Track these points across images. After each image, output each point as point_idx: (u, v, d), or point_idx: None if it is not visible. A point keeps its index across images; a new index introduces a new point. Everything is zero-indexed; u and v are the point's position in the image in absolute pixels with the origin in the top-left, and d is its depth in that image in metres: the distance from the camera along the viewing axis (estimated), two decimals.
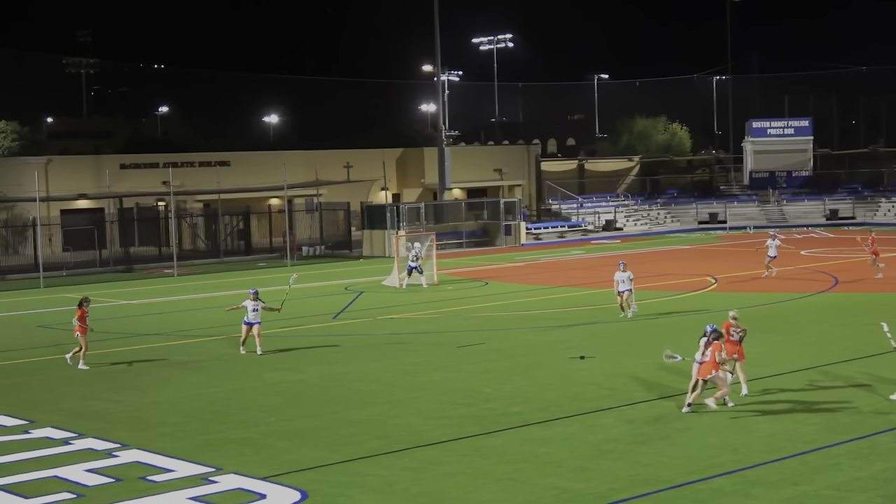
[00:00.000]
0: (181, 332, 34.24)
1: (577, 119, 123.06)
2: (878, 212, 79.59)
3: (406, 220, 64.33)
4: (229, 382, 25.45)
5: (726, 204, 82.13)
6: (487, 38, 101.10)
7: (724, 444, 18.25)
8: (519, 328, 32.50)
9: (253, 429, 20.58)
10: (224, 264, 61.05)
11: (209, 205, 71.03)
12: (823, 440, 18.23)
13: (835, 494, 15.41)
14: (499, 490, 16.18)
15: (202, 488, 16.72)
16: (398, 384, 24.56)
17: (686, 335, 29.71)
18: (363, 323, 35.08)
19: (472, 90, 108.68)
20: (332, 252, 65.75)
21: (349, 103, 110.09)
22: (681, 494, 15.66)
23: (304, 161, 76.42)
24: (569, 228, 75.51)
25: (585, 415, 20.77)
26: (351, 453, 18.52)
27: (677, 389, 22.65)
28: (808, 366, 24.85)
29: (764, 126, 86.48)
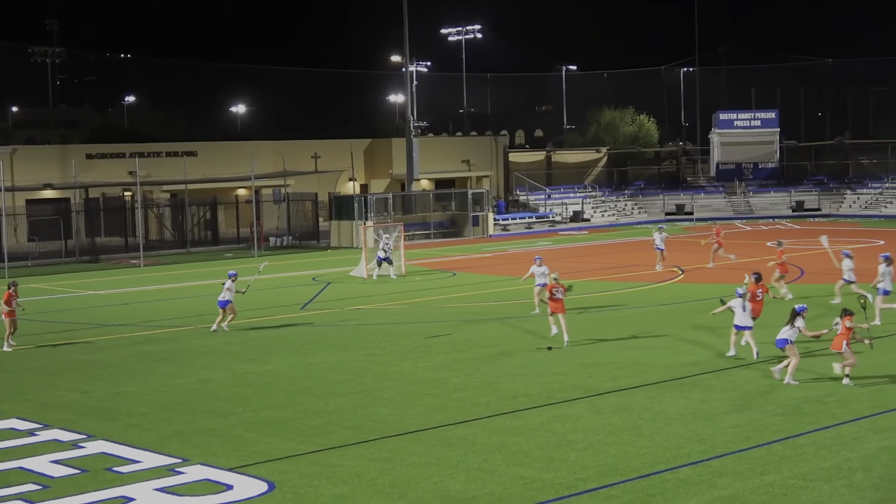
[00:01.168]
0: (149, 323, 34.10)
1: (545, 110, 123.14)
2: (843, 203, 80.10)
3: (374, 210, 64.26)
4: (197, 373, 25.38)
5: (693, 195, 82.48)
6: (456, 29, 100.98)
7: (690, 434, 18.34)
8: (487, 319, 32.53)
9: (221, 419, 20.53)
10: (191, 255, 60.82)
11: (176, 195, 70.70)
12: (789, 430, 18.35)
13: (800, 484, 15.51)
14: (467, 480, 16.21)
15: (168, 479, 16.67)
16: (366, 374, 24.56)
17: (653, 325, 29.88)
18: (331, 313, 35.04)
19: (441, 81, 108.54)
20: (299, 243, 65.61)
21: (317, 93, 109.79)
22: (648, 484, 15.73)
23: (272, 151, 76.14)
24: (536, 220, 75.63)
25: (553, 405, 20.82)
26: (319, 444, 18.51)
27: (645, 380, 22.77)
28: (777, 356, 24.96)
29: (731, 118, 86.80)
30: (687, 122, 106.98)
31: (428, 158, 78.34)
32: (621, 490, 15.51)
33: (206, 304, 38.17)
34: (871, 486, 15.28)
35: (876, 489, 15.17)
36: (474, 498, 15.41)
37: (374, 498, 15.60)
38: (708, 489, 15.44)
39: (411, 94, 77.49)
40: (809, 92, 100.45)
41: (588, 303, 35.25)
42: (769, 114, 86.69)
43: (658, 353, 26.05)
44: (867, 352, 22.85)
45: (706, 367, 24.01)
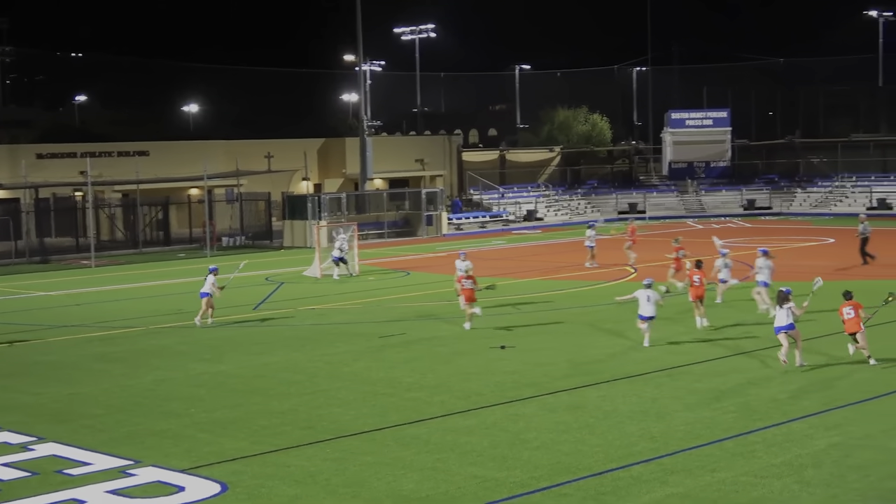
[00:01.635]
0: (101, 324, 33.87)
1: (499, 110, 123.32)
2: (793, 202, 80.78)
3: (327, 210, 64.12)
4: (151, 374, 25.25)
5: (646, 194, 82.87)
6: (409, 29, 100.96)
7: (642, 432, 18.45)
8: (440, 318, 32.56)
9: (174, 420, 20.44)
10: (143, 255, 60.43)
11: (128, 195, 70.22)
12: (740, 427, 18.50)
13: (751, 481, 15.65)
14: (420, 479, 16.23)
15: (120, 481, 16.58)
16: (320, 374, 24.53)
17: (604, 324, 30.03)
18: (285, 313, 34.95)
19: (395, 80, 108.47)
20: (252, 242, 65.35)
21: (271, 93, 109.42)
22: (601, 482, 15.82)
23: (225, 151, 75.82)
24: (490, 219, 75.74)
25: (506, 404, 20.89)
26: (273, 444, 18.47)
27: (597, 378, 22.89)
28: (727, 353, 25.19)
29: (683, 117, 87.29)
30: (640, 122, 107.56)
31: (382, 158, 78.28)
32: (574, 488, 15.59)
33: (160, 304, 38.03)
34: (822, 483, 15.44)
35: (826, 485, 15.33)
36: (428, 497, 15.44)
37: (328, 498, 15.59)
38: (660, 486, 15.54)
39: (365, 93, 77.41)
40: (760, 91, 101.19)
41: (540, 302, 35.37)
42: (721, 113, 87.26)
43: (610, 351, 26.19)
44: (818, 351, 23.07)
45: (658, 365, 24.16)
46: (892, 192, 77.75)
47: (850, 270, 40.75)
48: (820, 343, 25.46)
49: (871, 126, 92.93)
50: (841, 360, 23.87)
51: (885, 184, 79.64)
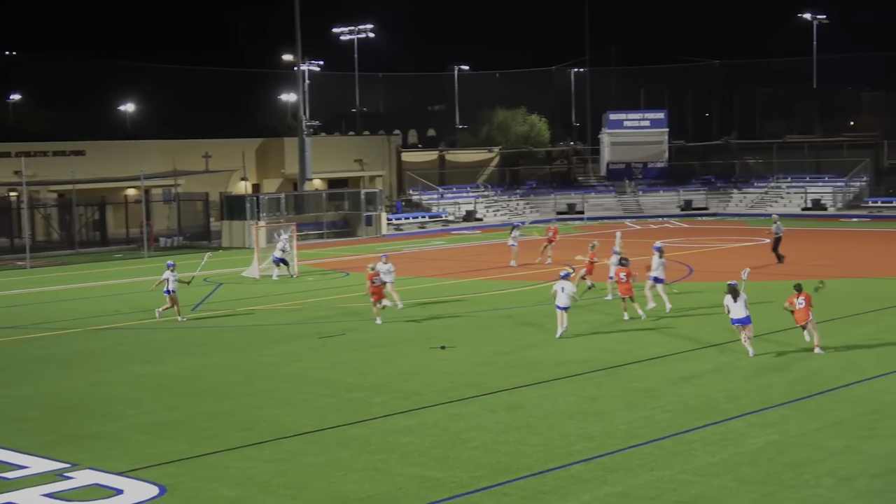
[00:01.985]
0: (38, 325, 33.49)
1: (438, 110, 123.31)
2: (730, 202, 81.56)
3: (266, 210, 63.85)
4: (89, 375, 25.02)
5: (584, 195, 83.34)
6: (348, 28, 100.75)
7: (582, 431, 18.56)
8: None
9: (112, 423, 20.27)
10: (79, 255, 59.83)
11: (64, 195, 69.49)
12: (678, 426, 18.66)
13: (689, 479, 15.80)
14: (361, 480, 16.22)
15: (57, 485, 16.42)
16: (260, 375, 24.43)
17: (542, 324, 30.15)
18: (224, 314, 34.77)
19: (333, 80, 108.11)
20: (190, 243, 64.91)
21: (208, 93, 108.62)
22: (541, 481, 15.89)
23: (162, 151, 75.25)
24: (430, 219, 75.80)
25: (447, 404, 20.93)
26: (212, 446, 18.38)
27: (537, 378, 22.99)
28: (665, 353, 25.40)
29: (620, 118, 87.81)
30: (578, 123, 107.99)
31: (320, 158, 78.08)
32: (514, 488, 15.66)
33: (98, 306, 37.68)
34: (758, 481, 15.62)
35: (762, 483, 15.51)
36: (369, 498, 15.44)
37: (269, 500, 15.54)
38: (599, 485, 15.65)
39: (304, 93, 77.18)
40: (697, 93, 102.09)
41: (480, 301, 35.45)
42: (658, 114, 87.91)
43: (549, 350, 26.31)
44: (763, 350, 23.30)
45: (597, 364, 24.31)
46: (826, 192, 78.76)
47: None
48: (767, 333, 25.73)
49: (805, 128, 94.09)
50: (791, 349, 24.23)
51: (820, 184, 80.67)
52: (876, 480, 15.49)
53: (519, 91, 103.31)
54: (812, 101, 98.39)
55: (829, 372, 22.74)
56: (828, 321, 29.13)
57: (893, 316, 30.33)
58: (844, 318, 29.93)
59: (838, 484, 15.37)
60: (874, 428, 18.20)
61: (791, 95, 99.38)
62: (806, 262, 43.67)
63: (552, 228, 49.35)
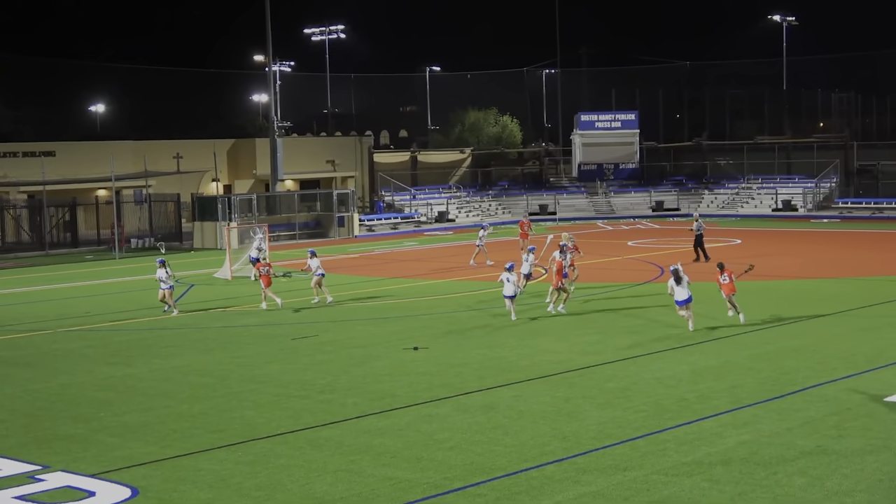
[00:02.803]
0: (6, 327, 33.28)
1: (410, 111, 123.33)
2: (701, 203, 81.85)
3: (238, 211, 63.69)
4: (58, 377, 24.87)
5: (556, 195, 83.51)
6: (319, 29, 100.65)
7: (555, 431, 18.57)
8: (353, 320, 32.51)
9: (82, 425, 20.15)
10: (50, 257, 59.54)
11: (34, 196, 69.12)
12: (651, 426, 18.70)
13: (662, 479, 15.82)
14: (334, 482, 16.19)
15: (28, 487, 16.31)
16: (232, 377, 24.35)
17: (517, 324, 30.18)
18: (195, 316, 34.64)
19: (304, 81, 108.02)
20: (161, 245, 64.62)
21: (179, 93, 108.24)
22: (514, 482, 15.89)
23: (133, 151, 74.97)
24: (402, 220, 75.78)
25: (420, 405, 20.90)
26: (184, 448, 18.30)
27: (510, 378, 23.00)
28: (637, 354, 25.46)
29: (592, 119, 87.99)
30: (549, 123, 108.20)
31: (292, 159, 77.94)
32: (488, 488, 15.65)
33: (67, 307, 37.47)
34: (731, 480, 15.66)
35: (735, 483, 15.55)
36: (342, 499, 15.40)
37: (241, 501, 15.48)
38: (572, 486, 15.66)
39: (275, 93, 77.02)
40: (668, 94, 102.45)
41: (452, 303, 35.45)
42: (629, 115, 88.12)
43: (522, 351, 26.32)
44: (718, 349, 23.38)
45: (570, 365, 24.34)
46: (796, 193, 79.20)
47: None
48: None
49: (775, 129, 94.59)
50: (761, 349, 24.34)
51: (790, 185, 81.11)
52: (847, 480, 15.56)
53: (490, 92, 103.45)
54: (782, 102, 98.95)
55: (799, 372, 22.83)
56: (795, 321, 29.33)
57: (864, 316, 30.48)
58: (815, 317, 30.08)
59: (810, 484, 15.42)
60: (845, 427, 18.28)
61: (761, 97, 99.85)
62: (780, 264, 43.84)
63: (524, 223, 51.54)
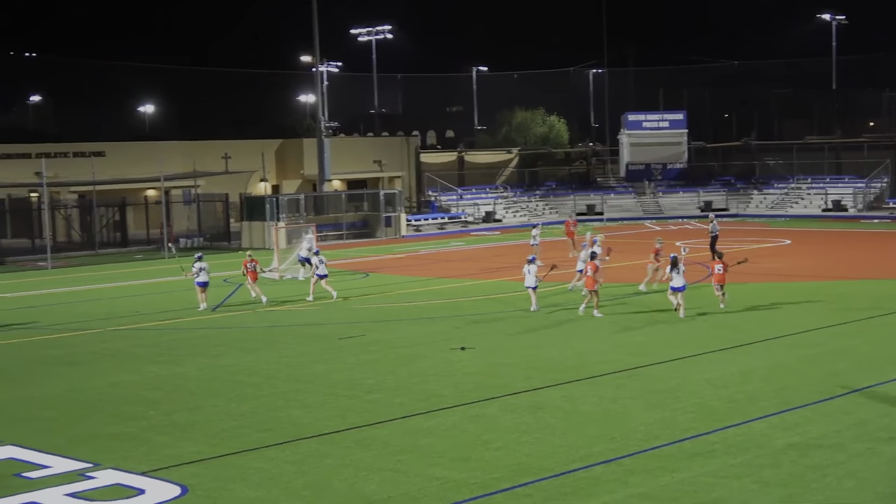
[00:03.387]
0: (56, 326, 33.59)
1: (457, 111, 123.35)
2: (750, 203, 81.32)
3: (286, 211, 63.94)
4: (107, 376, 25.06)
5: (603, 196, 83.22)
6: (366, 29, 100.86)
7: (602, 433, 18.50)
8: (400, 320, 32.54)
9: (132, 423, 20.30)
10: (99, 256, 60.02)
11: (84, 196, 69.74)
12: (699, 428, 18.58)
13: (710, 481, 15.72)
14: (381, 481, 16.20)
15: (79, 484, 16.45)
16: (279, 376, 24.44)
17: (566, 324, 30.10)
18: (243, 315, 34.80)
19: (352, 81, 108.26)
20: (210, 244, 65.04)
21: (227, 94, 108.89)
22: (561, 483, 15.85)
23: (182, 152, 75.41)
24: (449, 220, 75.79)
25: (467, 405, 20.89)
26: (232, 447, 18.38)
27: (557, 379, 22.94)
28: (685, 354, 25.32)
29: (639, 119, 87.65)
30: (596, 123, 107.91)
31: (339, 159, 78.14)
32: (535, 489, 15.61)
33: (117, 306, 37.77)
34: (779, 483, 15.55)
35: (784, 485, 15.44)
36: (389, 499, 15.41)
37: (289, 500, 15.54)
38: (620, 487, 15.59)
39: (322, 94, 77.23)
40: (716, 93, 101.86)
41: (500, 303, 35.40)
42: (677, 115, 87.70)
43: (570, 351, 26.25)
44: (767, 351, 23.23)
45: (617, 365, 24.25)
46: (846, 193, 78.51)
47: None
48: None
49: (825, 128, 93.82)
50: (809, 351, 24.16)
51: (840, 186, 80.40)
52: None
53: (537, 92, 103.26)
54: (832, 102, 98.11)
55: (849, 374, 22.62)
56: (844, 323, 29.09)
57: None
58: (865, 319, 29.82)
59: (860, 486, 15.28)
60: (895, 429, 18.12)
61: (810, 96, 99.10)
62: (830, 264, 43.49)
63: (569, 222, 51.99)
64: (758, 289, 36.64)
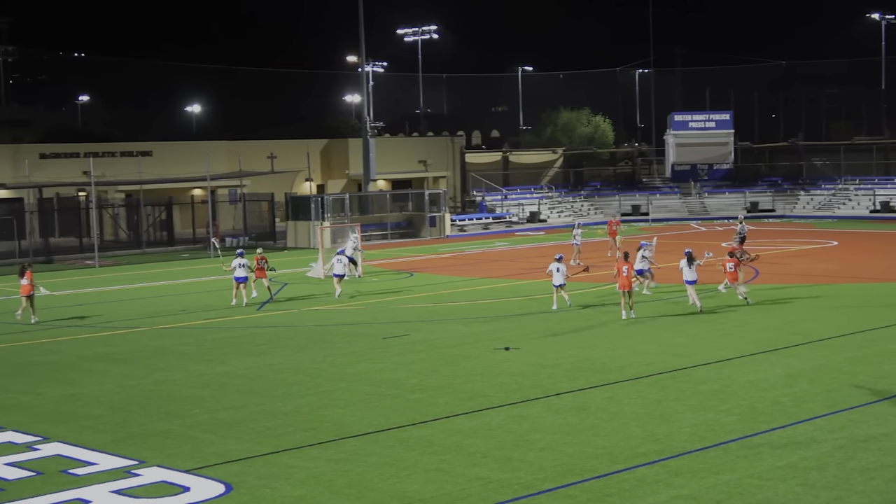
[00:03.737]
0: (103, 324, 33.86)
1: (502, 111, 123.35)
2: (797, 204, 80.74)
3: (331, 211, 64.13)
4: (153, 374, 25.22)
5: (649, 196, 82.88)
6: (412, 30, 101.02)
7: (647, 434, 18.42)
8: (444, 319, 32.55)
9: (177, 421, 20.42)
10: (146, 255, 60.47)
11: (131, 195, 70.27)
12: (744, 430, 18.46)
13: (756, 483, 15.62)
14: (425, 481, 16.20)
15: (125, 481, 16.56)
16: (324, 375, 24.50)
17: (610, 325, 30.00)
18: (288, 314, 34.93)
19: (397, 81, 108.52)
20: (255, 243, 65.21)
21: (273, 94, 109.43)
22: (605, 484, 15.79)
23: (228, 151, 75.85)
24: (493, 220, 75.74)
25: (511, 405, 20.86)
26: (276, 445, 18.45)
27: (602, 380, 22.87)
28: (731, 356, 25.17)
29: (685, 119, 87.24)
30: (642, 124, 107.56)
31: (384, 159, 78.28)
32: (579, 490, 15.57)
33: (163, 305, 38.03)
34: (826, 485, 15.41)
35: (830, 488, 15.30)
36: (432, 499, 15.41)
37: (332, 499, 15.57)
38: (664, 489, 15.52)
39: (367, 94, 77.41)
40: (763, 94, 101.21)
41: (544, 303, 35.32)
42: (723, 115, 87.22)
43: (614, 352, 26.16)
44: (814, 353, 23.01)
45: (662, 366, 24.13)
46: (894, 194, 77.72)
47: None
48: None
49: (873, 129, 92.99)
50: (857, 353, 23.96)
51: (889, 187, 79.63)
52: None
53: (583, 92, 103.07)
54: (880, 102, 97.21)
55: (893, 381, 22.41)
56: (893, 325, 28.85)
57: None
58: None
59: None
60: None
61: (858, 97, 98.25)
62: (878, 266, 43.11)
63: (612, 222, 52.24)
64: (804, 290, 36.36)
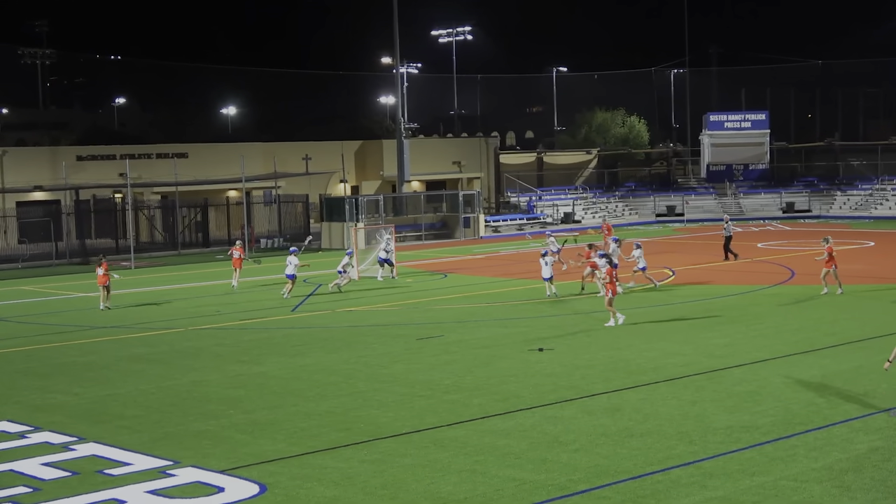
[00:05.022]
0: (139, 325, 34.05)
1: (536, 112, 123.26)
2: (833, 205, 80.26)
3: (365, 212, 64.26)
4: (189, 375, 25.35)
5: (684, 197, 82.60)
6: (446, 31, 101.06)
7: (681, 435, 18.35)
8: (478, 320, 32.54)
9: (212, 421, 20.51)
10: (182, 256, 60.77)
11: (167, 197, 70.65)
12: (779, 431, 18.36)
13: (791, 485, 15.53)
14: (458, 482, 16.20)
15: (160, 482, 16.64)
16: (358, 376, 24.54)
17: (643, 326, 29.90)
18: (322, 315, 35.02)
19: (431, 82, 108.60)
20: (290, 244, 65.46)
21: (308, 95, 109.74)
22: (640, 485, 15.74)
23: (263, 153, 76.12)
24: (527, 221, 75.65)
25: (545, 406, 20.83)
26: (311, 446, 18.50)
27: (636, 381, 22.80)
28: (766, 357, 25.05)
29: (721, 119, 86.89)
30: (677, 124, 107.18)
31: (419, 160, 78.38)
32: (613, 491, 15.52)
33: (198, 306, 38.21)
34: (862, 487, 15.31)
35: (866, 490, 15.20)
36: (466, 499, 15.41)
37: (366, 500, 15.59)
38: (699, 490, 15.45)
39: (402, 95, 77.53)
40: (799, 93, 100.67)
41: (578, 304, 35.28)
42: (759, 115, 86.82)
43: (649, 353, 26.08)
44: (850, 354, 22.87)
45: (696, 367, 24.04)
46: None
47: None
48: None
49: None
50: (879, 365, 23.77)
51: None
52: None
53: (618, 92, 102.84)
54: None
55: None
56: None
57: None
58: None
59: None
60: None
61: None
62: None
63: (605, 225, 53.16)
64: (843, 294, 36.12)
